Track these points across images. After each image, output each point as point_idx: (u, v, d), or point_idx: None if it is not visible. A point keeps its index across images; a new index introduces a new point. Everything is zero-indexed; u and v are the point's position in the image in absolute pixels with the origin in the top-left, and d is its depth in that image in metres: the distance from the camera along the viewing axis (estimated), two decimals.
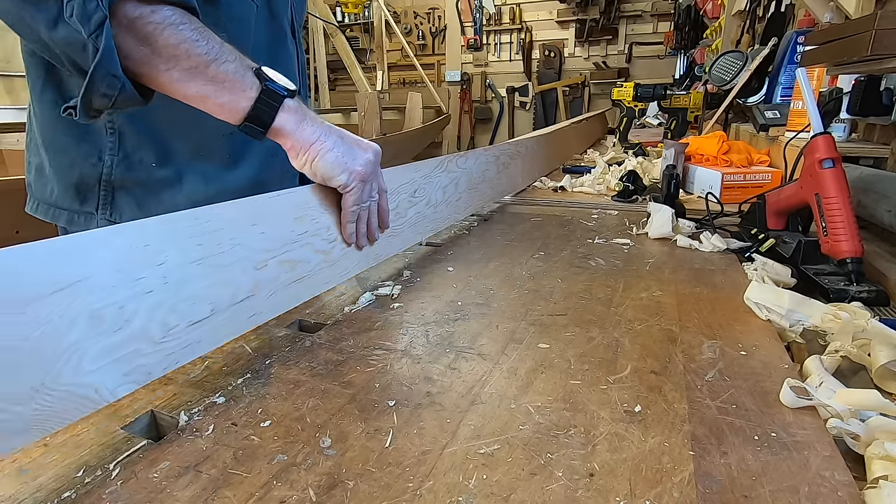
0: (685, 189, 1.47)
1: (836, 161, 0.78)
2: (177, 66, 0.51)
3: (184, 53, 0.51)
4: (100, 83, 0.48)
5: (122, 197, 0.69)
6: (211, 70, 0.52)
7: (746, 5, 2.35)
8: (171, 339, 0.42)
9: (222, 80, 0.53)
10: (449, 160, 0.96)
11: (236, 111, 0.55)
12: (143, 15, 0.48)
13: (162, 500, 0.36)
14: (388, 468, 0.39)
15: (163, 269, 0.42)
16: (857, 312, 0.61)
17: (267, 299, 0.52)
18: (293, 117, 0.57)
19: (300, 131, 0.58)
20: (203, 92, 0.53)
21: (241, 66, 0.54)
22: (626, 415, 0.46)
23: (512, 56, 5.98)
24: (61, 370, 0.35)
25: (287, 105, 0.57)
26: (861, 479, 0.39)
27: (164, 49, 0.50)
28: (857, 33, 0.74)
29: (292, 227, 0.57)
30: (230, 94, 0.54)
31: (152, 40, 0.49)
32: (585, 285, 0.77)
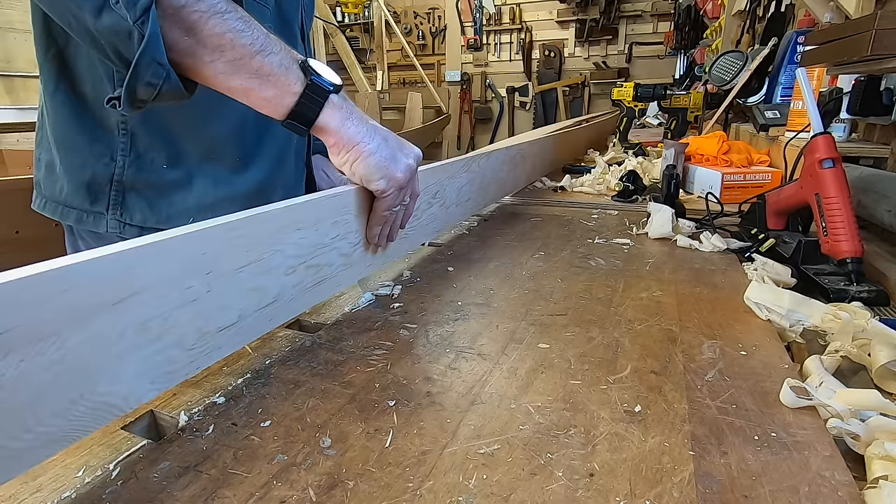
0: (685, 189, 1.47)
1: (836, 161, 0.78)
2: (221, 58, 0.50)
3: (228, 44, 0.49)
4: (145, 71, 0.47)
5: (132, 198, 0.69)
6: (256, 62, 0.51)
7: (746, 5, 2.35)
8: (201, 346, 0.42)
9: (267, 74, 0.52)
10: (473, 160, 0.94)
11: (280, 106, 0.53)
12: (188, 4, 0.47)
13: (162, 500, 0.36)
14: (388, 468, 0.39)
15: (210, 277, 0.41)
16: (857, 312, 0.61)
17: (287, 304, 0.51)
18: (338, 114, 0.56)
19: (345, 129, 0.56)
20: (247, 85, 0.51)
21: (286, 58, 0.53)
22: (626, 415, 0.46)
23: (512, 56, 5.98)
24: (100, 380, 0.34)
25: (332, 101, 0.55)
26: (861, 479, 0.39)
27: (208, 39, 0.49)
28: (857, 33, 0.74)
29: (328, 230, 0.56)
30: (275, 88, 0.52)
31: (197, 30, 0.48)
32: (585, 285, 0.77)
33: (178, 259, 0.38)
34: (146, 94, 0.49)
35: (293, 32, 0.82)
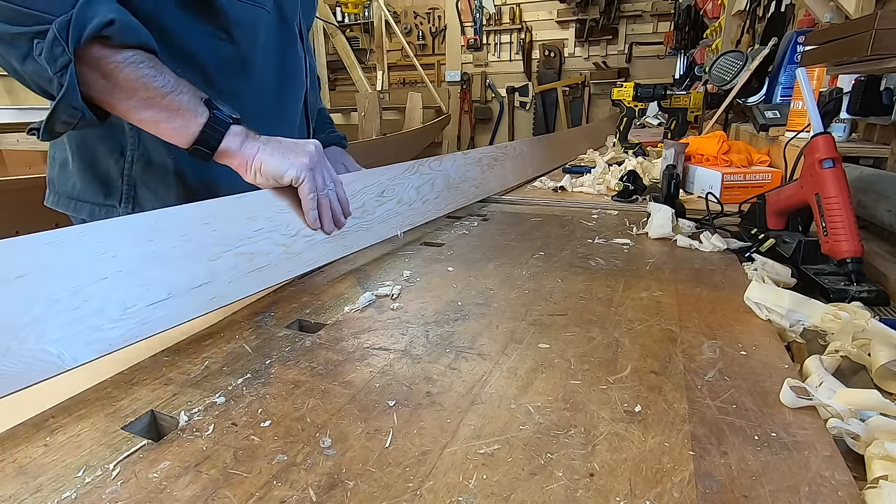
0: (685, 189, 1.47)
1: (836, 161, 0.78)
2: (135, 97, 0.59)
3: (142, 87, 0.59)
4: (62, 113, 0.57)
5: (143, 192, 0.75)
6: (166, 100, 0.60)
7: (746, 5, 2.35)
8: (130, 317, 0.50)
9: (176, 109, 0.61)
10: (420, 164, 1.02)
11: (187, 135, 0.62)
12: (104, 56, 0.56)
13: (162, 500, 0.36)
14: (388, 468, 0.39)
15: (116, 260, 0.50)
16: (857, 312, 0.61)
17: (227, 285, 0.59)
18: (237, 139, 0.64)
19: (243, 149, 0.65)
20: (157, 118, 0.61)
21: (193, 97, 0.62)
22: (626, 415, 0.45)
23: (512, 56, 5.98)
24: (26, 338, 0.43)
25: (232, 130, 0.64)
26: (861, 479, 0.39)
27: (123, 83, 0.58)
28: (857, 33, 0.74)
29: (246, 225, 0.64)
30: (182, 120, 0.61)
31: (113, 77, 0.57)
32: (585, 285, 0.77)
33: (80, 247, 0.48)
34: (63, 128, 0.60)
35: (292, 32, 0.84)
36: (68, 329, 0.45)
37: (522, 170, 1.56)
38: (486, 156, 1.34)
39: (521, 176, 1.55)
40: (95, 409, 0.48)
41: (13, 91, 3.25)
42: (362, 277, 0.81)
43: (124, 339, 0.49)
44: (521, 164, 1.55)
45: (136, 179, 0.75)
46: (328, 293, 0.75)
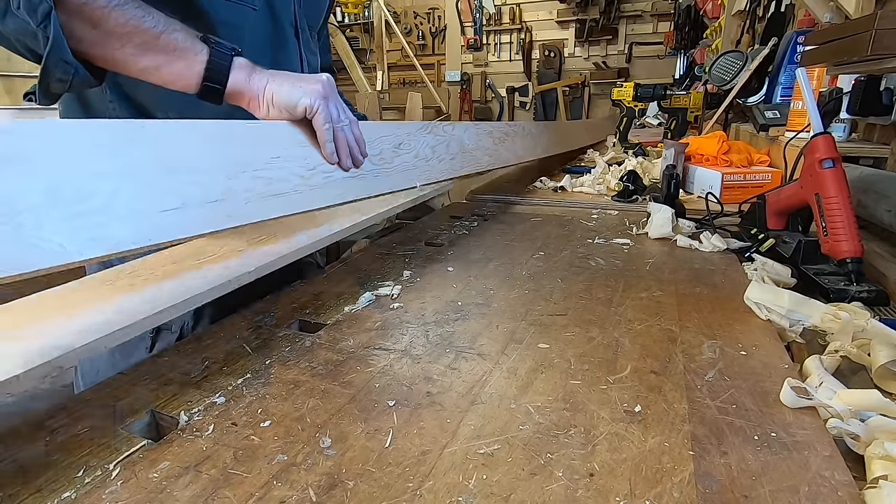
0: (685, 189, 1.47)
1: (836, 161, 0.78)
2: (130, 43, 0.54)
3: (134, 30, 0.54)
4: (54, 70, 0.52)
5: None
6: (161, 41, 0.55)
7: (746, 5, 2.35)
8: (140, 220, 0.46)
9: (173, 49, 0.56)
10: (434, 125, 0.99)
11: (192, 76, 0.58)
12: (88, 1, 0.51)
13: (162, 500, 0.37)
14: (388, 468, 0.39)
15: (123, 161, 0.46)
16: (857, 312, 0.61)
17: (244, 205, 0.55)
18: (244, 72, 0.60)
19: (251, 83, 0.61)
20: (157, 63, 0.56)
21: (188, 34, 0.57)
22: (626, 415, 0.45)
23: (512, 56, 5.98)
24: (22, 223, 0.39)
25: (237, 62, 0.60)
26: (861, 479, 0.39)
27: (114, 29, 0.53)
28: (857, 33, 0.74)
29: (265, 150, 0.60)
30: (183, 60, 0.57)
31: (102, 23, 0.52)
32: (585, 285, 0.77)
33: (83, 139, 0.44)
34: (58, 88, 0.54)
35: (284, 29, 0.82)
36: (70, 222, 0.42)
37: (532, 148, 1.53)
38: (497, 129, 1.32)
39: (531, 154, 1.53)
40: (95, 408, 0.48)
41: (13, 91, 3.25)
42: (362, 277, 0.81)
43: (133, 241, 0.46)
44: (531, 142, 1.53)
45: None
46: (328, 293, 0.75)
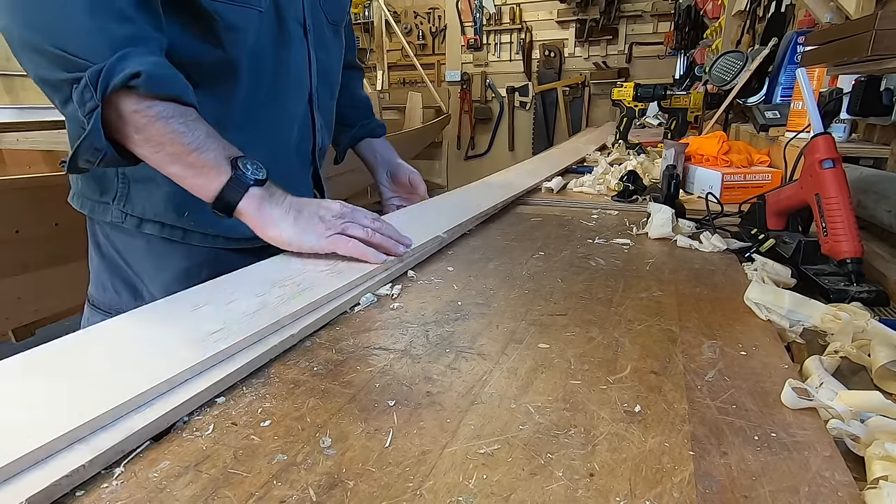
0: (685, 189, 1.47)
1: (836, 161, 0.78)
2: (162, 151, 0.62)
3: (169, 142, 0.62)
4: (84, 152, 0.60)
5: (135, 190, 0.78)
6: (191, 158, 0.63)
7: (746, 5, 2.35)
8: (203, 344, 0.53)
9: (200, 166, 0.64)
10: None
11: (207, 192, 0.66)
12: (139, 110, 0.60)
13: (162, 500, 0.36)
14: (388, 468, 0.39)
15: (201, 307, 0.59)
16: (857, 313, 0.61)
17: (276, 308, 0.61)
18: (254, 203, 0.67)
19: (258, 214, 0.68)
20: (182, 173, 0.64)
21: (219, 155, 0.65)
22: (626, 415, 0.46)
23: (512, 56, 5.98)
24: None
25: (251, 192, 0.67)
26: (861, 480, 0.39)
27: (154, 136, 0.61)
28: (857, 33, 0.74)
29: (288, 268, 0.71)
30: (205, 178, 0.65)
31: (145, 130, 0.61)
32: (585, 285, 0.77)
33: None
34: (86, 165, 0.63)
35: (292, 30, 0.83)
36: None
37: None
38: None
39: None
40: None
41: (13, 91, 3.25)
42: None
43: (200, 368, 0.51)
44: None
45: (129, 179, 0.78)
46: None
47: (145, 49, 0.60)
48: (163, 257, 0.80)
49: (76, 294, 2.04)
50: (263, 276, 0.70)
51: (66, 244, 1.77)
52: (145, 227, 0.79)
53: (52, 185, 1.66)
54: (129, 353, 0.51)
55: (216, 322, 0.57)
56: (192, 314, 0.58)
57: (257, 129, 0.82)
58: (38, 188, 1.63)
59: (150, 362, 0.49)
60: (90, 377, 0.47)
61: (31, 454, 0.37)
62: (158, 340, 0.54)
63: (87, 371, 0.48)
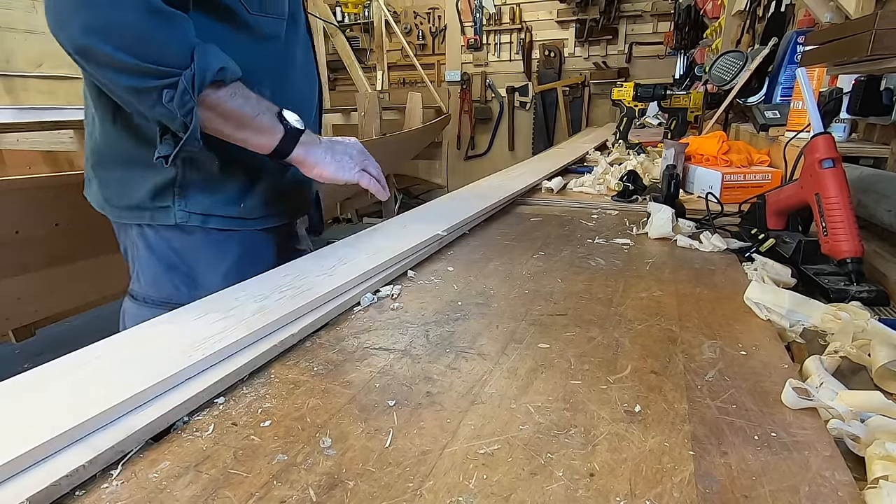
0: (685, 189, 1.47)
1: (836, 161, 0.78)
2: (232, 123, 0.74)
3: (237, 115, 0.74)
4: (189, 146, 0.69)
5: (194, 192, 0.85)
6: (255, 122, 0.75)
7: (746, 5, 2.35)
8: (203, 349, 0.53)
9: (259, 128, 0.76)
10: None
11: (268, 147, 0.78)
12: (219, 97, 0.71)
13: (162, 500, 0.36)
14: (388, 468, 0.39)
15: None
16: (857, 312, 0.61)
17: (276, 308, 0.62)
18: (303, 149, 0.81)
19: (307, 157, 0.82)
20: (246, 136, 0.76)
21: (271, 116, 0.77)
22: (626, 415, 0.45)
23: (512, 56, 5.97)
24: None
25: (301, 140, 0.80)
26: (861, 480, 0.39)
27: (225, 114, 0.73)
28: (857, 33, 0.74)
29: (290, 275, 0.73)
30: (266, 137, 0.77)
31: (219, 109, 0.72)
32: (585, 285, 0.77)
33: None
34: (184, 155, 0.72)
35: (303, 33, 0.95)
36: None
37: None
38: None
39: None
40: None
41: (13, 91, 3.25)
42: None
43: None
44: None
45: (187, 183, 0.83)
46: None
47: (198, 40, 0.68)
48: (221, 248, 0.88)
49: (76, 294, 2.04)
50: (265, 283, 0.71)
51: (66, 244, 1.77)
52: (210, 221, 0.86)
53: (52, 186, 1.66)
54: (130, 357, 0.51)
55: (216, 326, 0.57)
56: (194, 322, 0.59)
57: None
58: (38, 188, 1.63)
59: (149, 364, 0.49)
60: (90, 378, 0.47)
61: (31, 453, 0.37)
62: (159, 345, 0.54)
63: (87, 372, 0.48)
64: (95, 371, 0.48)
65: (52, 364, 0.49)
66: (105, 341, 0.54)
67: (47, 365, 0.49)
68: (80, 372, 0.48)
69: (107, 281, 2.02)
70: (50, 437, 0.38)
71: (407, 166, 5.48)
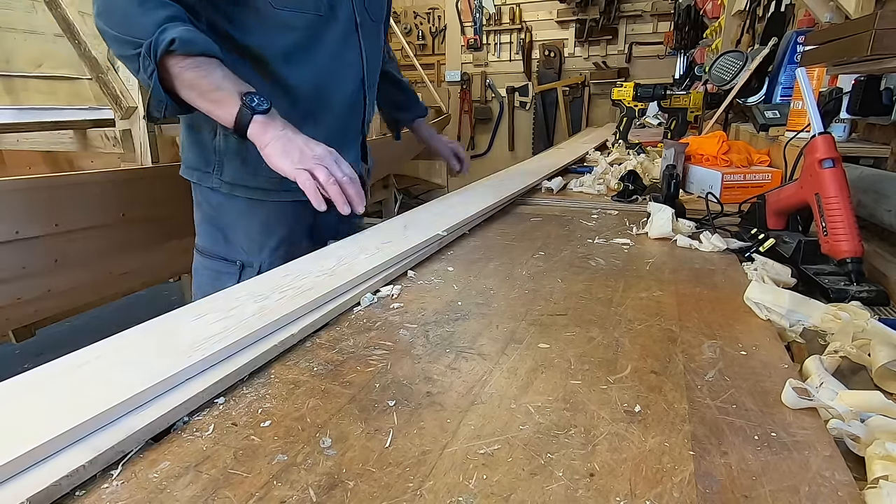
0: (685, 189, 1.47)
1: (836, 161, 0.78)
2: (193, 91, 0.83)
3: (196, 84, 0.82)
4: (153, 102, 0.83)
5: (227, 163, 1.01)
6: (214, 94, 0.83)
7: (746, 5, 2.35)
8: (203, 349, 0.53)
9: (219, 100, 0.83)
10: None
11: (228, 120, 0.84)
12: (175, 64, 0.81)
13: (162, 500, 0.36)
14: (388, 468, 0.39)
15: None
16: (856, 312, 0.61)
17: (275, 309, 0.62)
18: (259, 126, 0.84)
19: (261, 135, 0.84)
20: (209, 107, 0.84)
21: (232, 92, 0.83)
22: (626, 415, 0.45)
23: (512, 56, 5.97)
24: None
25: (256, 119, 0.84)
26: (861, 480, 0.39)
27: (185, 81, 0.82)
28: (857, 33, 0.74)
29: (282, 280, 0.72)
30: (223, 109, 0.83)
31: (179, 78, 0.81)
32: (585, 285, 0.77)
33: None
34: (156, 113, 0.84)
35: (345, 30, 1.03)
36: None
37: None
38: None
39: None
40: None
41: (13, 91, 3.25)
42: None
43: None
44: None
45: (222, 152, 1.01)
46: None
47: (180, 23, 0.80)
48: (247, 213, 1.04)
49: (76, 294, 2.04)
50: (265, 283, 0.71)
51: (66, 245, 1.77)
52: (236, 190, 1.03)
53: (52, 186, 1.66)
54: (130, 357, 0.51)
55: (217, 326, 0.57)
56: (194, 322, 0.59)
57: (325, 102, 1.05)
58: (38, 188, 1.63)
59: (149, 364, 0.49)
60: (90, 378, 0.47)
61: (31, 453, 0.37)
62: (159, 345, 0.54)
63: (87, 372, 0.48)
64: (95, 371, 0.48)
65: (52, 364, 0.49)
66: (105, 341, 0.54)
67: (47, 365, 0.49)
68: (80, 372, 0.48)
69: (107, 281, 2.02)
70: (50, 438, 0.38)
71: (407, 166, 5.48)
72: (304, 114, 0.98)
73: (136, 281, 2.29)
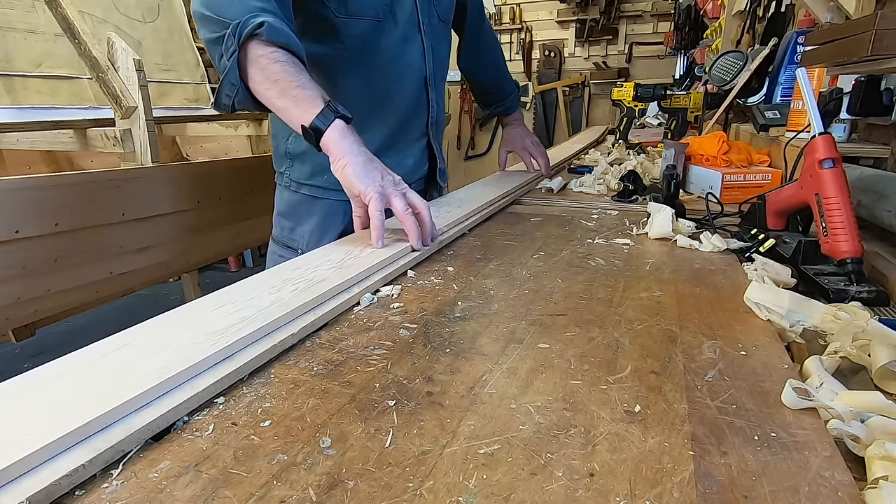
0: (685, 189, 1.47)
1: (836, 161, 0.78)
2: (275, 87, 0.81)
3: (281, 78, 0.81)
4: (225, 86, 0.83)
5: (296, 164, 1.13)
6: (296, 91, 0.81)
7: (746, 5, 2.35)
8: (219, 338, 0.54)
9: (301, 99, 0.81)
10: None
11: (304, 121, 0.82)
12: (263, 53, 0.81)
13: (162, 500, 0.36)
14: (388, 468, 0.39)
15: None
16: (857, 313, 0.61)
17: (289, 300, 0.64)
18: (337, 132, 0.82)
19: (338, 145, 0.81)
20: (287, 105, 0.82)
21: (316, 94, 0.82)
22: (626, 415, 0.45)
23: (512, 56, 5.97)
24: None
25: (335, 124, 0.82)
26: (861, 480, 0.39)
27: (269, 74, 0.81)
28: (857, 33, 0.74)
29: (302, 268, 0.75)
30: (303, 109, 0.82)
31: (266, 69, 0.81)
32: (585, 285, 0.77)
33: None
34: (227, 100, 0.84)
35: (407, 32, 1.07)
36: None
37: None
38: None
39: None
40: None
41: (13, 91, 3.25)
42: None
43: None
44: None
45: (292, 153, 1.12)
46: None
47: (270, 15, 0.82)
48: (309, 209, 1.14)
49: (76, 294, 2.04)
50: (277, 275, 0.72)
51: (67, 244, 1.77)
52: (302, 188, 1.13)
53: (52, 185, 1.66)
54: (130, 357, 0.51)
55: (217, 326, 0.57)
56: (196, 321, 0.59)
57: (383, 104, 1.08)
58: (38, 188, 1.63)
59: (149, 364, 0.49)
60: (90, 377, 0.47)
61: (31, 454, 0.37)
62: (159, 345, 0.54)
63: (87, 372, 0.48)
64: (95, 371, 0.48)
65: (52, 364, 0.49)
66: (105, 341, 0.54)
67: (47, 365, 0.49)
68: (80, 372, 0.48)
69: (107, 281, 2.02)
70: (50, 437, 0.38)
71: None
72: (363, 116, 0.97)
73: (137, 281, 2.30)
